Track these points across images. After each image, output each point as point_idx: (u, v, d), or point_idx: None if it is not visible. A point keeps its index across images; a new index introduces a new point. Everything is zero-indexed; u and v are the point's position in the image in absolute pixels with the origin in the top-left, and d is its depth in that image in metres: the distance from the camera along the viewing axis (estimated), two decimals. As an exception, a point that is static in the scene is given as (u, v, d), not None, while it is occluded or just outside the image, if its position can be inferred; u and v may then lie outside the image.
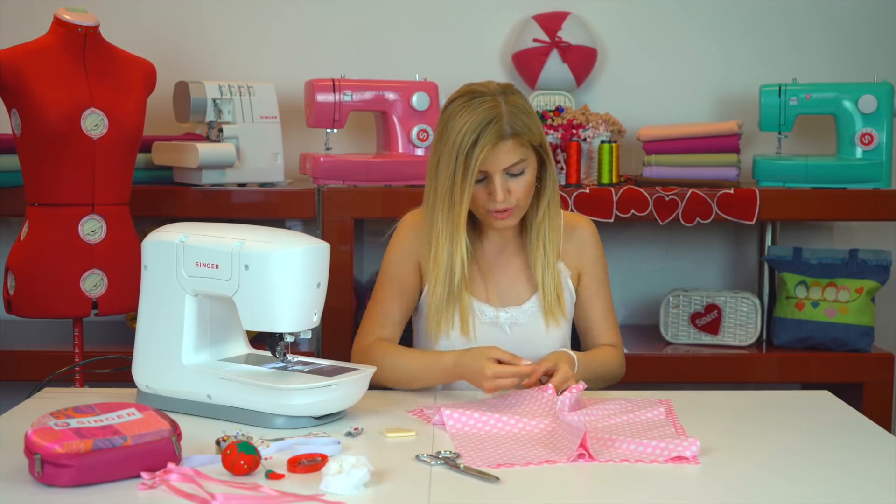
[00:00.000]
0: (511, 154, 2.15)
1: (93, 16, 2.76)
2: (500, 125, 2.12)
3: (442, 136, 2.17)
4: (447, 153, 2.15)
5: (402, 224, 2.35)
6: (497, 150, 2.13)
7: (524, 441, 1.84)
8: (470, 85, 2.21)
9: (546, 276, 2.26)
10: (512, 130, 2.13)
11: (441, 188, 2.17)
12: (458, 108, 2.16)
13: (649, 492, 1.62)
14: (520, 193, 2.18)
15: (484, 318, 2.26)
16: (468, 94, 2.17)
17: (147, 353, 2.03)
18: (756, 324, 3.37)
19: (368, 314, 2.32)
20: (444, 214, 2.18)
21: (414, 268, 2.31)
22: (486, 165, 2.14)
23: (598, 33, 3.64)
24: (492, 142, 2.12)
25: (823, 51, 3.66)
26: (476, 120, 2.12)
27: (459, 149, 2.12)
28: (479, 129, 2.11)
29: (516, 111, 2.15)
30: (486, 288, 2.29)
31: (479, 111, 2.13)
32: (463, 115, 2.14)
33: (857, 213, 3.27)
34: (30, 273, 2.74)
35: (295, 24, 3.65)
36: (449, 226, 2.18)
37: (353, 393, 1.97)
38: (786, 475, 1.69)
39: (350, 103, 3.23)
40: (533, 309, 2.28)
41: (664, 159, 3.34)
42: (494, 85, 2.19)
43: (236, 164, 3.18)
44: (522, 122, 2.15)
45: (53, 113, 2.67)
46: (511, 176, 2.17)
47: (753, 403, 2.14)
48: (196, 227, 2.00)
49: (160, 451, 1.63)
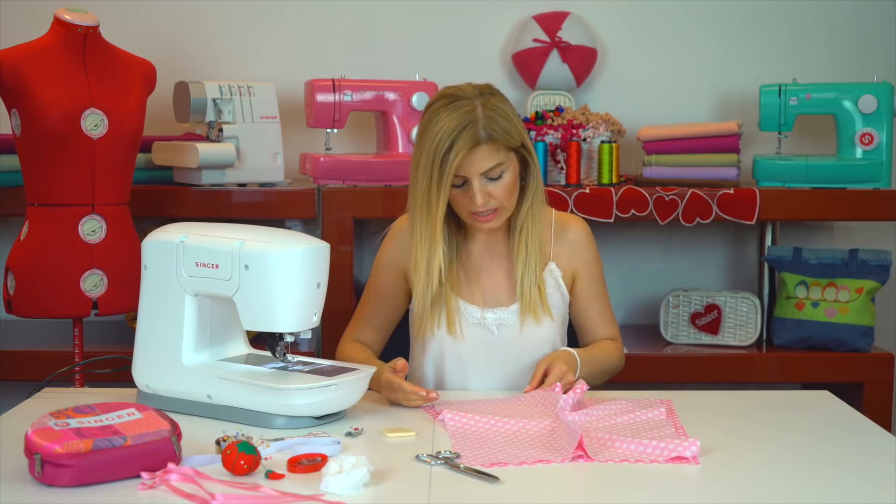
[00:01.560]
0: (487, 159, 2.13)
1: (93, 16, 2.76)
2: (475, 130, 2.11)
3: (420, 141, 2.17)
4: (424, 158, 2.14)
5: (391, 231, 2.37)
6: (472, 156, 2.12)
7: (522, 440, 1.84)
8: (448, 88, 2.19)
9: (526, 273, 2.25)
10: (487, 135, 2.12)
11: (419, 194, 2.17)
12: (435, 113, 2.15)
13: (649, 492, 1.62)
14: (501, 196, 2.17)
15: (471, 320, 2.26)
16: (445, 98, 2.16)
17: (147, 353, 2.03)
18: (756, 324, 3.37)
19: (353, 317, 2.38)
20: (421, 219, 2.18)
21: (398, 276, 2.33)
22: (462, 170, 2.14)
23: (598, 33, 3.64)
24: (466, 147, 2.11)
25: (823, 51, 3.66)
26: (451, 125, 2.11)
27: (435, 154, 2.12)
28: (454, 134, 2.10)
29: (493, 115, 2.13)
30: (471, 289, 2.29)
31: (455, 116, 2.11)
32: (440, 121, 2.13)
33: (857, 213, 3.27)
34: (30, 273, 2.74)
35: (295, 24, 3.65)
36: (427, 231, 2.18)
37: (353, 393, 1.97)
38: (786, 475, 1.69)
39: (350, 103, 3.23)
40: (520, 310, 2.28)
41: (664, 159, 3.33)
42: (472, 88, 2.17)
43: (236, 164, 3.18)
44: (499, 125, 2.13)
45: (53, 113, 2.67)
46: (490, 180, 2.16)
47: (753, 403, 2.14)
48: (196, 227, 2.00)
49: (160, 451, 1.63)
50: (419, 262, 2.21)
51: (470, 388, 2.25)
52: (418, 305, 2.25)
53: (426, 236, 2.19)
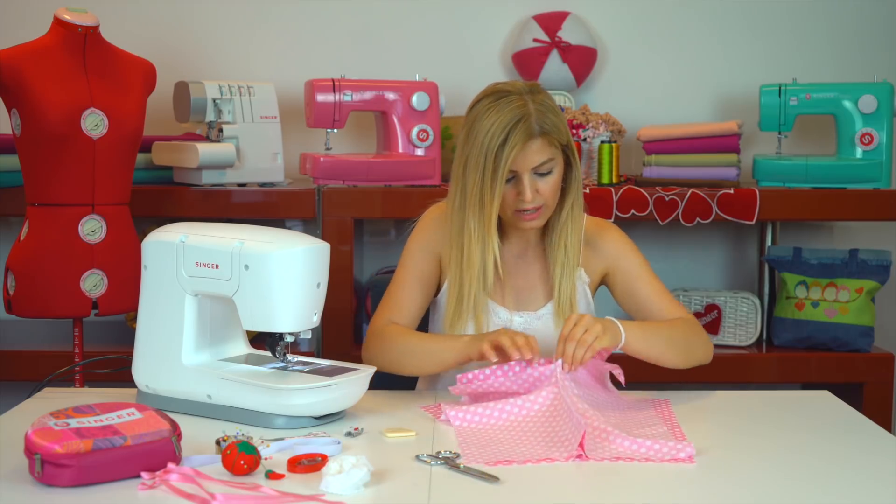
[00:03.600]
0: (540, 153, 2.13)
1: (93, 16, 2.76)
2: (529, 124, 2.10)
3: (469, 137, 2.15)
4: (475, 154, 2.12)
5: (426, 217, 2.32)
6: (526, 150, 2.11)
7: (526, 433, 1.85)
8: (496, 84, 2.18)
9: (564, 277, 2.23)
10: (541, 129, 2.11)
11: (470, 190, 2.15)
12: (484, 108, 2.13)
13: (649, 492, 1.62)
14: (548, 193, 2.16)
15: (497, 321, 2.24)
16: (495, 94, 2.15)
17: (147, 353, 2.03)
18: (756, 324, 3.37)
19: (384, 300, 2.28)
20: (475, 216, 2.15)
21: (435, 261, 2.28)
22: (515, 165, 2.12)
23: (598, 33, 3.64)
24: (521, 141, 2.10)
25: (824, 51, 3.66)
26: (504, 119, 2.10)
27: (488, 149, 2.10)
28: (508, 128, 2.09)
29: (544, 110, 2.13)
30: (502, 291, 2.27)
31: (507, 110, 2.10)
32: (490, 115, 2.11)
33: (857, 213, 3.27)
34: (30, 273, 2.74)
35: (295, 24, 3.65)
36: (480, 227, 2.16)
37: (353, 393, 1.96)
38: (786, 475, 1.69)
39: (350, 103, 3.23)
40: (547, 315, 2.27)
41: (664, 159, 3.33)
42: (521, 84, 2.17)
43: (236, 164, 3.18)
44: (551, 120, 2.13)
45: (53, 113, 2.67)
46: (539, 175, 2.15)
47: (753, 403, 2.14)
48: (196, 227, 2.00)
49: (160, 451, 1.63)
50: (473, 257, 2.17)
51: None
52: (454, 301, 2.21)
53: (480, 232, 2.16)
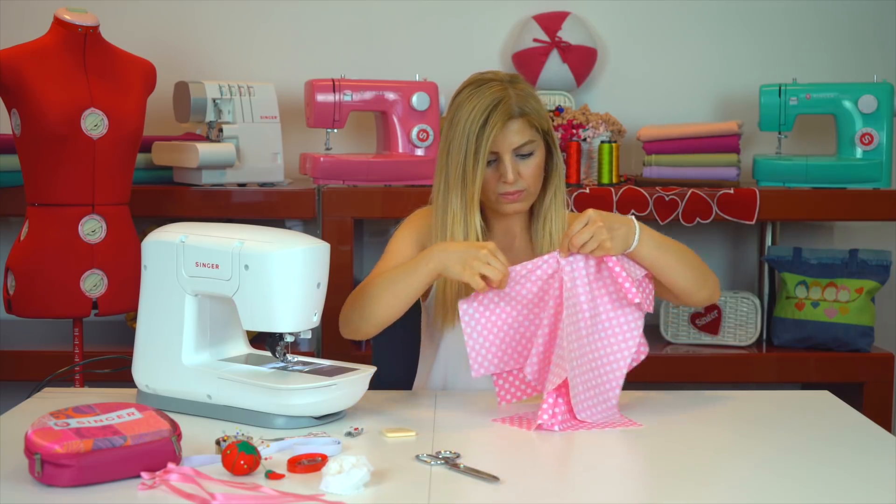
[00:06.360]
0: (520, 134, 2.17)
1: (93, 16, 2.76)
2: (509, 105, 2.15)
3: (451, 123, 2.20)
4: (458, 138, 2.17)
5: (412, 215, 2.35)
6: (506, 130, 2.16)
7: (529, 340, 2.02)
8: (477, 74, 2.24)
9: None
10: (521, 111, 2.16)
11: (453, 172, 2.19)
12: (466, 96, 2.19)
13: (649, 492, 1.62)
14: (529, 177, 2.19)
15: None
16: (476, 82, 2.21)
17: (147, 353, 2.03)
18: (756, 324, 3.37)
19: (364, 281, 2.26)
20: (458, 196, 2.19)
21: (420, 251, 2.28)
22: (496, 146, 2.16)
23: (598, 33, 3.64)
24: (501, 121, 2.14)
25: (823, 51, 3.66)
26: (485, 103, 2.15)
27: (470, 131, 2.15)
28: (489, 110, 2.14)
29: (524, 95, 2.19)
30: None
31: (488, 94, 2.16)
32: (472, 100, 2.17)
33: (857, 213, 3.28)
34: (30, 273, 2.74)
35: (295, 24, 3.65)
36: (463, 208, 2.19)
37: (353, 393, 1.96)
38: (786, 475, 1.69)
39: (350, 103, 3.23)
40: None
41: (664, 159, 3.34)
42: (503, 73, 2.23)
43: (236, 164, 3.18)
44: (531, 105, 2.19)
45: (53, 113, 2.67)
46: (521, 158, 2.19)
47: (753, 403, 2.14)
48: (196, 227, 2.00)
49: (160, 451, 1.63)
50: (457, 236, 2.18)
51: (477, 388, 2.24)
52: (440, 292, 2.22)
53: (462, 212, 2.19)
